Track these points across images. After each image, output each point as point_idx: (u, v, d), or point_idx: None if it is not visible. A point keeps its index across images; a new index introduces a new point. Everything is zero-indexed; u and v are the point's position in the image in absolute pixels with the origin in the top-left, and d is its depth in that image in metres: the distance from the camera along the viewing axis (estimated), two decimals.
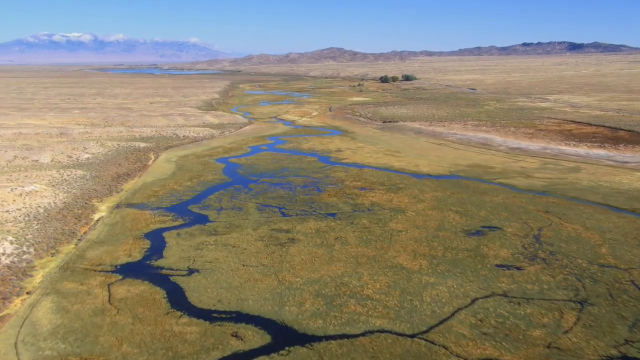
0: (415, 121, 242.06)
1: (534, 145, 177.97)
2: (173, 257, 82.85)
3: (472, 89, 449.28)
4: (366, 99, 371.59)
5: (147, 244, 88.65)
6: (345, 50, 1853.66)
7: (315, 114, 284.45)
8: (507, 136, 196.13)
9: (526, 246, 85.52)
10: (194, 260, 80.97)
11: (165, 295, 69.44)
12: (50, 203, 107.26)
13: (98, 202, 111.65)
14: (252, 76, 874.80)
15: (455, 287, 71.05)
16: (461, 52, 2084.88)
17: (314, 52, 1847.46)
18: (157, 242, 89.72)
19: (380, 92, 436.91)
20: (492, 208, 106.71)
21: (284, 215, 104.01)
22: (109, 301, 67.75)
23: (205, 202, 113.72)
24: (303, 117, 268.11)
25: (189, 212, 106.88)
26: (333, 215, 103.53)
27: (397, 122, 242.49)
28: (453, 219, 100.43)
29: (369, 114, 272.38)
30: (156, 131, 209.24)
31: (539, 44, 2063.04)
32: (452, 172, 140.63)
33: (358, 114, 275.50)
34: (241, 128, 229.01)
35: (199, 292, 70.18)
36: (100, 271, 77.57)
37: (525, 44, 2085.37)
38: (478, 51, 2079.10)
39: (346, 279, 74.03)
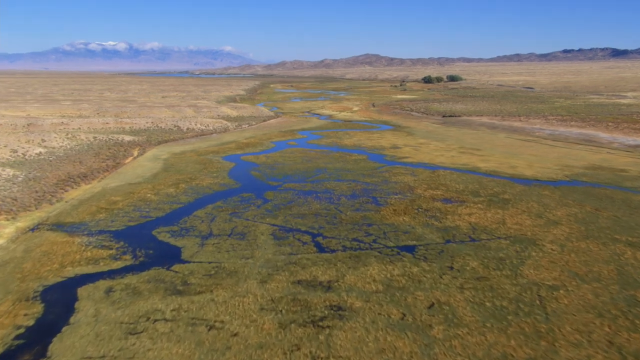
0: (481, 115, 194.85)
1: None
2: (68, 355, 36.02)
3: (529, 88, 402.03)
4: (412, 96, 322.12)
5: (33, 314, 41.98)
6: (381, 56, 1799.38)
7: (356, 108, 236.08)
8: (611, 132, 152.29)
9: None
10: None
11: None
12: None
13: (7, 220, 65.92)
14: (285, 78, 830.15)
15: None
16: (499, 59, 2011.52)
17: (349, 58, 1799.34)
18: (56, 308, 43.11)
19: (425, 91, 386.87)
20: None
21: (319, 248, 56.76)
22: None
23: (187, 221, 66.74)
24: (342, 112, 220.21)
25: (150, 240, 60.09)
26: (410, 249, 56.29)
27: (459, 116, 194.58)
28: (635, 258, 53.26)
29: (421, 109, 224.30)
30: (152, 122, 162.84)
31: (580, 50, 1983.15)
32: (570, 177, 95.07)
33: (408, 109, 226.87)
34: (264, 121, 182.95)
35: None
36: None
37: (565, 50, 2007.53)
38: (517, 57, 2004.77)
39: None
